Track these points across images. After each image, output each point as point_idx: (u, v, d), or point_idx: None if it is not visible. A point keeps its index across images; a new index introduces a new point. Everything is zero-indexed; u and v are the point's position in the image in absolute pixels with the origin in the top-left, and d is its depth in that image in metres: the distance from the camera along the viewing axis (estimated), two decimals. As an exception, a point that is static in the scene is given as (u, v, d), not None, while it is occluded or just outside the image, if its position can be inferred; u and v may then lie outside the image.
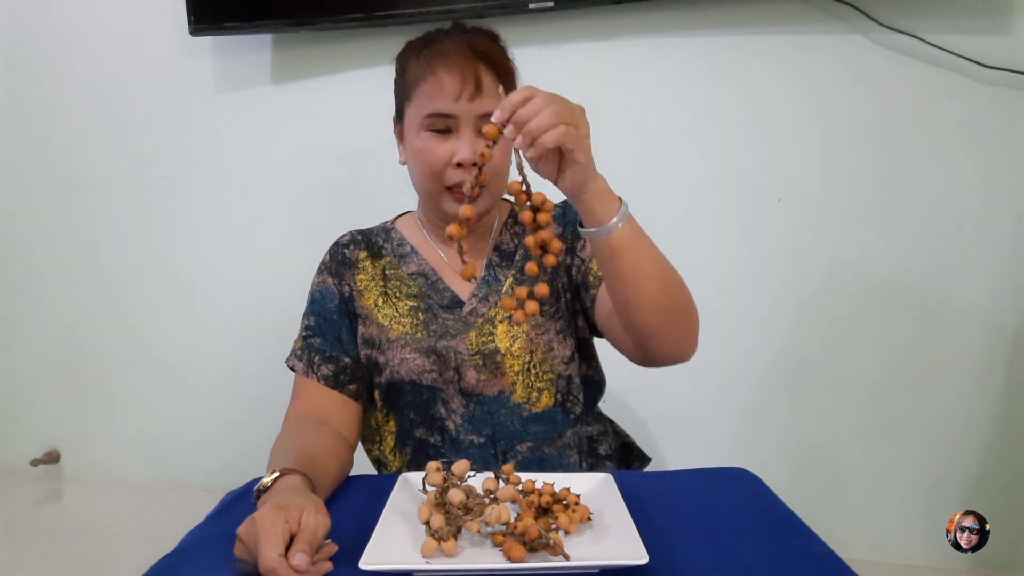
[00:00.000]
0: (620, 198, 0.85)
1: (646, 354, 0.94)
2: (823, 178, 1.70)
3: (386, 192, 1.83)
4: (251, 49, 1.99)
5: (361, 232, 1.12)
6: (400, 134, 1.06)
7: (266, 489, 0.77)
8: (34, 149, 2.22)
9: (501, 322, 1.02)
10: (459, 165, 0.96)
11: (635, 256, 0.84)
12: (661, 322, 0.90)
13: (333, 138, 1.98)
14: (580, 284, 1.06)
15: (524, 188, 0.78)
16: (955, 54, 1.56)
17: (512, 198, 0.80)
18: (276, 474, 0.78)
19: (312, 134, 2.00)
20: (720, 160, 1.75)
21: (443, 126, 0.97)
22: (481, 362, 1.00)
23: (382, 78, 1.89)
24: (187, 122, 2.09)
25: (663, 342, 0.92)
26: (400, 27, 1.81)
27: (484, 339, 1.00)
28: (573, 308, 1.06)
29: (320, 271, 1.08)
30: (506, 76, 1.00)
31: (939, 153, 1.63)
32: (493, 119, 0.76)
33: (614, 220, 0.82)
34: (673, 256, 0.95)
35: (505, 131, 0.75)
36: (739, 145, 1.74)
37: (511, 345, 1.00)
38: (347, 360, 1.03)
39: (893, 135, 1.65)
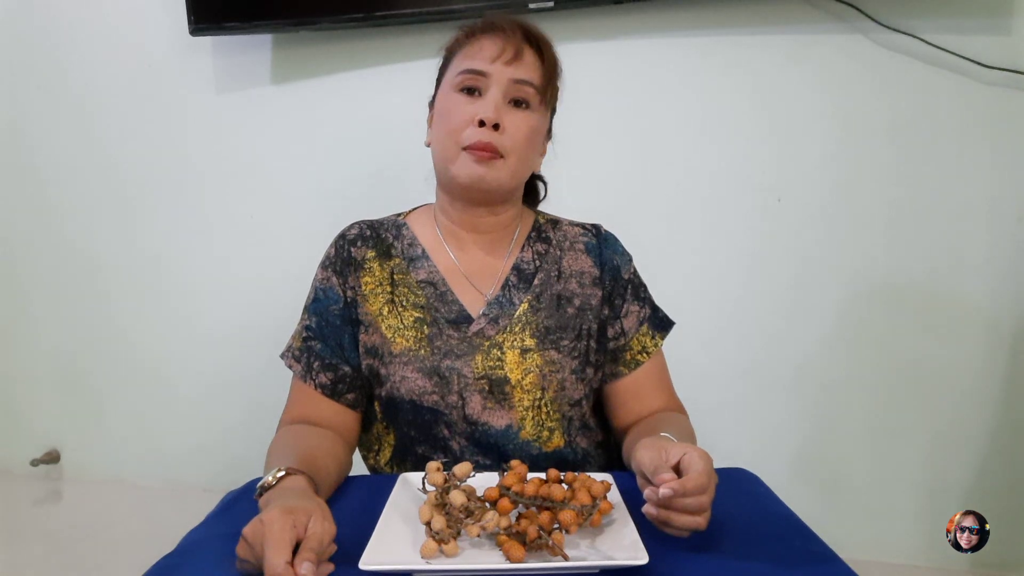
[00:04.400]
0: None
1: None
2: (823, 178, 1.70)
3: (387, 191, 1.83)
4: (251, 49, 1.99)
5: (370, 226, 1.04)
6: (430, 120, 1.02)
7: (270, 487, 0.75)
8: (33, 151, 2.22)
9: (511, 349, 0.96)
10: (481, 124, 0.91)
11: None
12: None
13: (333, 138, 1.98)
14: (610, 350, 1.03)
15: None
16: (955, 54, 1.56)
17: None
18: (282, 473, 0.76)
19: (312, 134, 2.00)
20: (720, 160, 1.75)
21: (473, 84, 0.93)
22: (487, 387, 0.95)
23: (382, 78, 1.91)
24: (187, 122, 2.09)
25: None
26: (400, 27, 1.82)
27: (492, 363, 0.95)
28: (588, 357, 1.01)
29: (324, 266, 1.02)
30: (548, 62, 0.96)
31: (939, 153, 1.63)
32: (663, 492, 0.68)
33: None
34: (671, 256, 0.95)
35: (648, 506, 0.70)
36: (739, 145, 1.74)
37: (522, 378, 0.95)
38: (346, 369, 0.98)
39: (893, 135, 1.65)
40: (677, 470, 0.72)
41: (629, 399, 1.03)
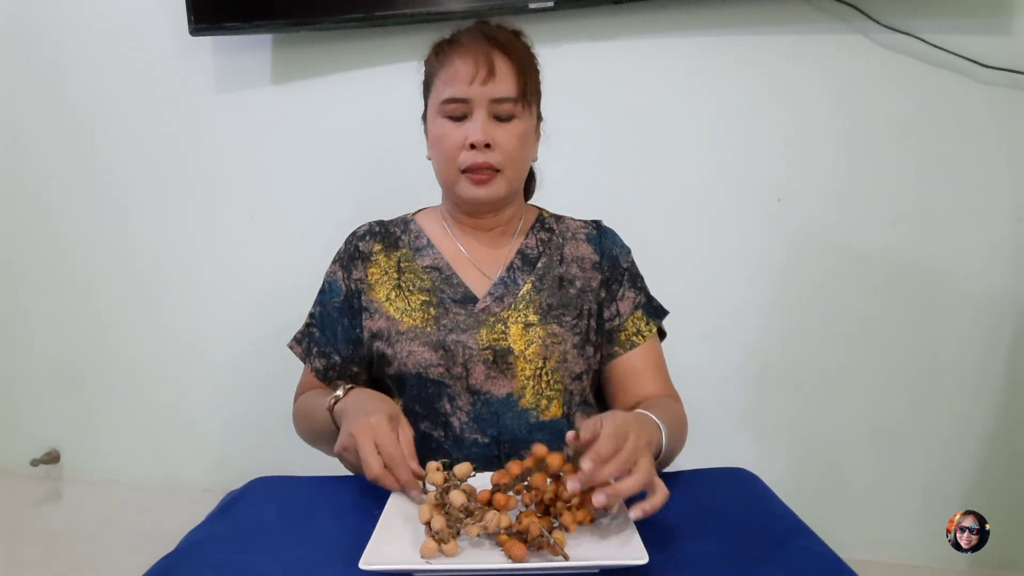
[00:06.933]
0: (658, 426, 0.85)
1: None
2: (823, 178, 1.70)
3: (386, 191, 1.83)
4: (251, 49, 1.99)
5: (380, 223, 1.12)
6: (427, 131, 1.07)
7: (339, 400, 0.92)
8: (32, 151, 2.22)
9: (515, 324, 1.01)
10: (472, 147, 0.97)
11: (660, 459, 0.88)
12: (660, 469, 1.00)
13: (333, 138, 1.98)
14: (607, 330, 1.07)
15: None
16: (955, 54, 1.56)
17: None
18: (349, 386, 0.94)
19: (312, 134, 2.00)
20: (720, 160, 1.75)
21: (459, 112, 0.99)
22: (491, 357, 0.99)
23: (382, 78, 1.91)
24: (187, 122, 2.09)
25: None
26: (400, 27, 1.82)
27: (496, 336, 1.00)
28: (588, 336, 1.05)
29: (334, 261, 1.10)
30: (521, 64, 1.00)
31: (939, 153, 1.63)
32: (571, 487, 0.69)
33: (659, 458, 0.85)
34: (672, 256, 0.95)
35: (580, 477, 0.70)
36: (739, 145, 1.74)
37: (525, 349, 1.00)
38: (337, 358, 1.06)
39: (893, 135, 1.65)
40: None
41: (626, 380, 1.06)
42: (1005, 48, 1.54)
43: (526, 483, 0.75)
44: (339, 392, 0.93)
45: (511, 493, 0.75)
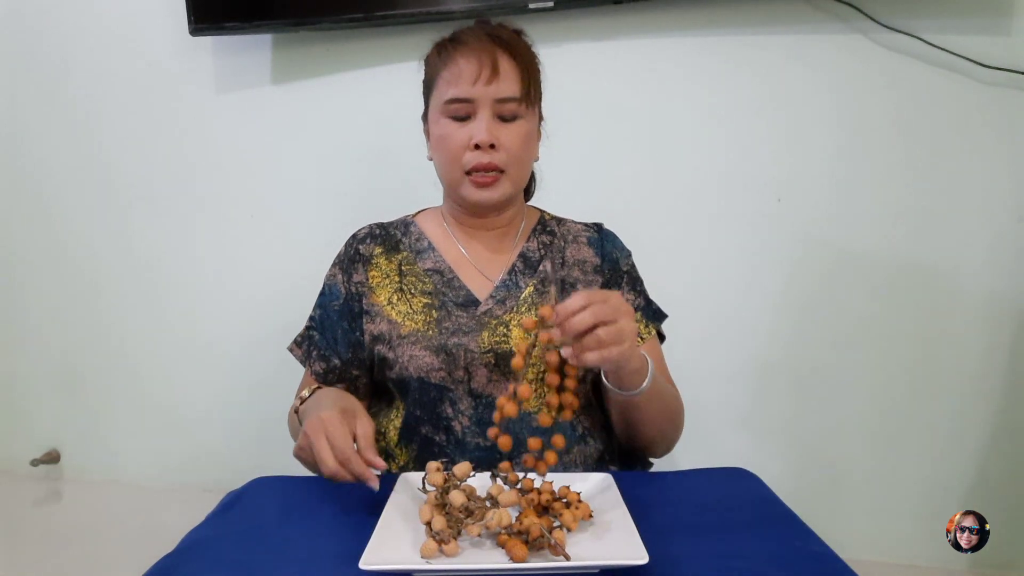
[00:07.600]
0: (646, 358, 0.88)
1: (631, 448, 1.06)
2: (823, 179, 1.70)
3: (386, 191, 1.83)
4: (251, 49, 1.99)
5: (380, 225, 1.11)
6: (427, 131, 1.07)
7: (304, 400, 0.92)
8: (32, 152, 2.22)
9: (517, 327, 1.01)
10: (476, 147, 0.97)
11: (648, 409, 0.91)
12: (654, 444, 1.04)
13: (333, 138, 1.98)
14: None
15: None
16: (955, 54, 1.56)
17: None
18: (314, 387, 0.94)
19: (312, 134, 2.00)
20: (720, 160, 1.75)
21: (463, 112, 0.98)
22: (493, 361, 0.99)
23: (382, 78, 1.91)
24: (187, 122, 2.09)
25: (650, 452, 1.07)
26: (400, 27, 1.82)
27: (497, 339, 1.00)
28: None
29: (334, 264, 1.09)
30: (525, 64, 1.00)
31: (939, 153, 1.63)
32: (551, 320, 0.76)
33: (642, 386, 0.87)
34: (671, 257, 0.96)
35: (553, 334, 0.77)
36: (739, 145, 1.74)
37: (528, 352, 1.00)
38: (337, 361, 1.05)
39: (893, 136, 1.65)
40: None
41: None
42: (1005, 48, 1.54)
43: (520, 487, 0.76)
44: (304, 393, 0.93)
45: (507, 487, 0.76)
